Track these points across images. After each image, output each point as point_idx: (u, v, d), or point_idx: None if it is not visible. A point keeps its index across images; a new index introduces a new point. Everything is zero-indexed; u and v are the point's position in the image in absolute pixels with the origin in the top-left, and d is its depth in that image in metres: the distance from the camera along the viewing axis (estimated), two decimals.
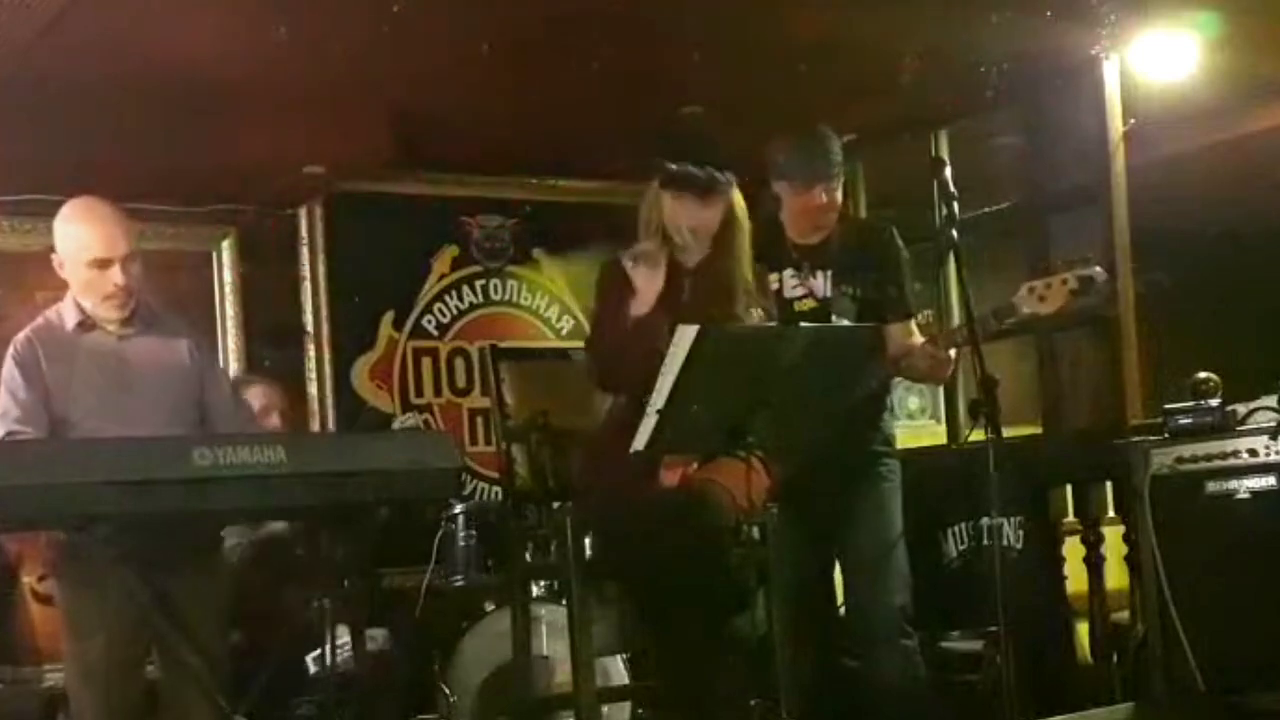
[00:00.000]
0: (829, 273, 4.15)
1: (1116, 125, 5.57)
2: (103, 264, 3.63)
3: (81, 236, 3.64)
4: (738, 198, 3.82)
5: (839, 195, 4.14)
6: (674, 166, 3.73)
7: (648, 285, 3.74)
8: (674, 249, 3.80)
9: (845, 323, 4.10)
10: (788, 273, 4.16)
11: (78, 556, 3.47)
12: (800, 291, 4.15)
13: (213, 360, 3.95)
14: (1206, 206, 6.08)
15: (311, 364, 6.29)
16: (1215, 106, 5.80)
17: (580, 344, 4.55)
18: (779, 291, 4.14)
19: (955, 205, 3.65)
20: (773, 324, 3.62)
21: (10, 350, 3.68)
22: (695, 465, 3.66)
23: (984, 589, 3.69)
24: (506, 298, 6.79)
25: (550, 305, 6.74)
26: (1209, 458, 4.26)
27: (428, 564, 5.15)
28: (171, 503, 3.14)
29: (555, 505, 3.96)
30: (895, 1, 4.82)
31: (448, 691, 4.75)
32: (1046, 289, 3.93)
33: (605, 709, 4.36)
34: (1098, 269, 3.92)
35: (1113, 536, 4.77)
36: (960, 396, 6.02)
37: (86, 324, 3.69)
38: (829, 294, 4.14)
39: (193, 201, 6.06)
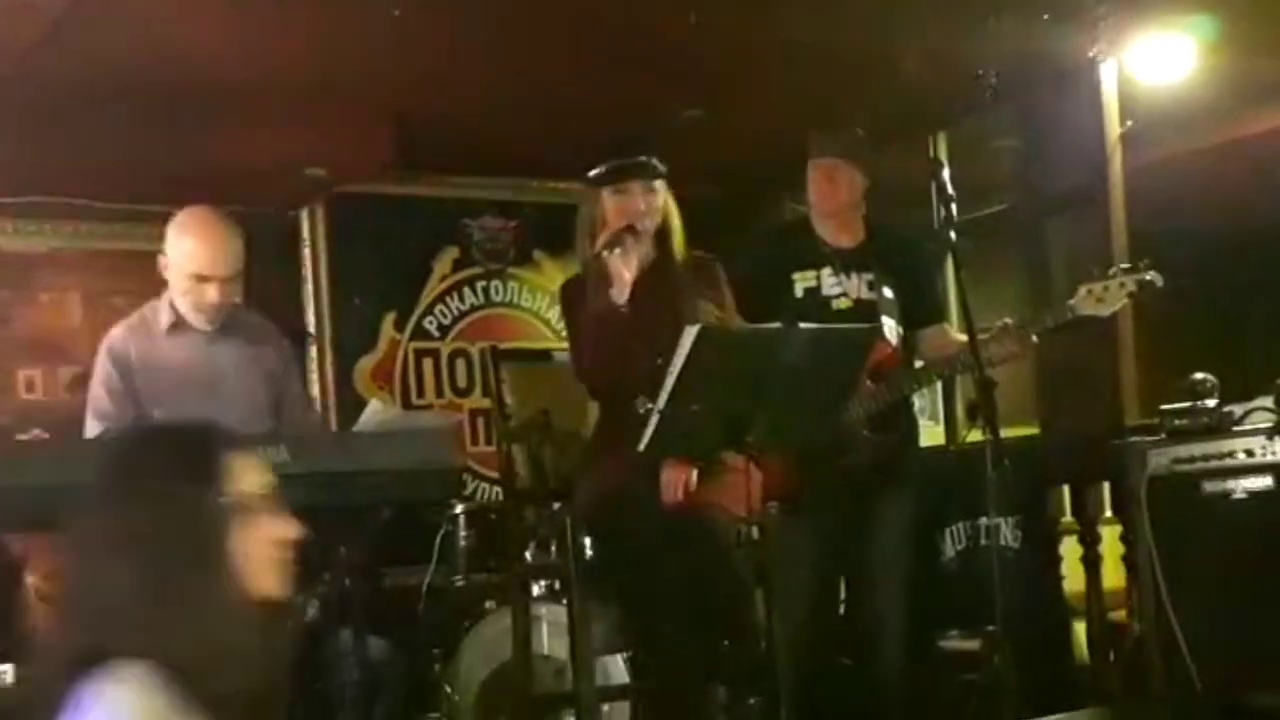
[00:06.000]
0: (865, 276, 4.24)
1: (1114, 127, 5.59)
2: (202, 279, 3.77)
3: (188, 249, 3.79)
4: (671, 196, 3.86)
5: (859, 177, 4.26)
6: (603, 166, 3.77)
7: (626, 271, 3.72)
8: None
9: (891, 323, 4.20)
10: (825, 271, 4.25)
11: None
12: (837, 290, 4.23)
13: (291, 364, 4.08)
14: (1203, 208, 6.08)
15: (313, 365, 6.31)
16: (1212, 108, 5.81)
17: None
18: (816, 289, 4.22)
19: (953, 207, 3.66)
20: (773, 324, 3.62)
21: (105, 344, 3.84)
22: (695, 472, 3.68)
23: (982, 588, 3.70)
24: (507, 299, 6.81)
25: (551, 306, 6.75)
26: (1206, 458, 4.26)
27: (428, 564, 5.16)
28: None
29: (555, 505, 3.98)
30: (894, 3, 4.84)
31: (448, 691, 4.76)
32: (1104, 291, 3.96)
33: (605, 709, 4.37)
34: (1155, 273, 3.96)
35: (1110, 536, 4.77)
36: (958, 397, 6.03)
37: (179, 325, 3.83)
38: (864, 295, 4.23)
39: (194, 203, 6.05)
